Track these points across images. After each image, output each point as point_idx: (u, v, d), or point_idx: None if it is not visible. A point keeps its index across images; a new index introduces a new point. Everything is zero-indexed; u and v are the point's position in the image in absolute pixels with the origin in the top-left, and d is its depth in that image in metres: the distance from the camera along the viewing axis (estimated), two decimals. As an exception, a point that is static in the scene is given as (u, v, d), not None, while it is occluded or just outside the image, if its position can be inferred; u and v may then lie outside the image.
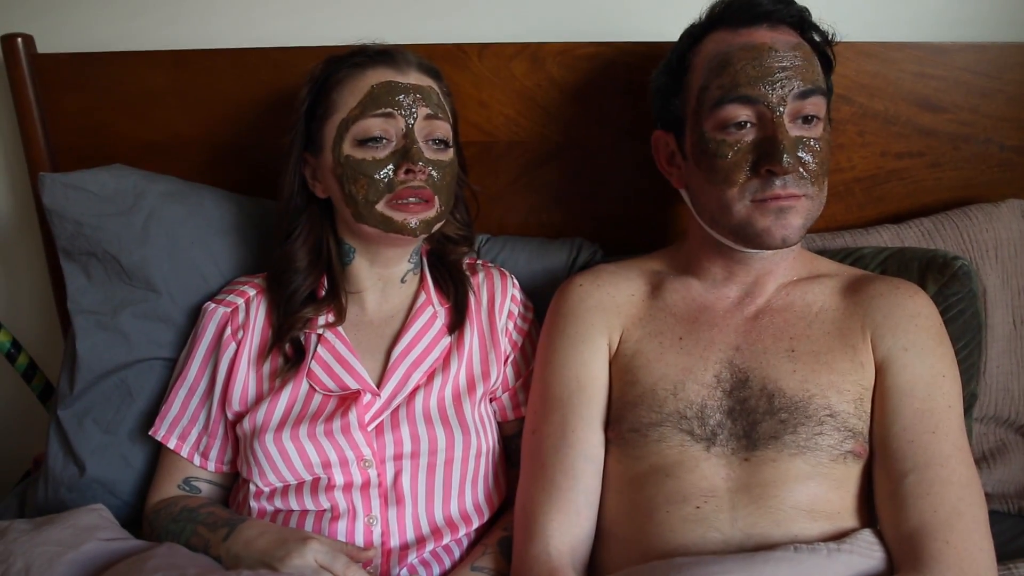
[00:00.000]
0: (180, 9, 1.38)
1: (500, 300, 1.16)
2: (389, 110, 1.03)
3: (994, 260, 1.25)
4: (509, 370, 1.15)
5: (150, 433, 1.12)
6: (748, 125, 0.96)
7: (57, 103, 1.36)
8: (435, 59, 1.29)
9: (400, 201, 1.02)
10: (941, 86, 1.28)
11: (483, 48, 1.30)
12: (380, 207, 1.03)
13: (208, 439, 1.11)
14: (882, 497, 0.93)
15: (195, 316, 1.20)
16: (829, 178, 1.30)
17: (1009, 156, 1.31)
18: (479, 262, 1.23)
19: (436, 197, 1.05)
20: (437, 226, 1.08)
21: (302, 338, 1.10)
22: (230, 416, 1.10)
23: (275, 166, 1.34)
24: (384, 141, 1.03)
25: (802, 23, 1.01)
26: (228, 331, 1.11)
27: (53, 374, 1.44)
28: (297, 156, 1.09)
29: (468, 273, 1.18)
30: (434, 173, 1.04)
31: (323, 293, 1.11)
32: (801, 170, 0.96)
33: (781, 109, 0.95)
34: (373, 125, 1.02)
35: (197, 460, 1.12)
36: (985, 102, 1.29)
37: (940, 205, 1.32)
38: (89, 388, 1.19)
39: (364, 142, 1.03)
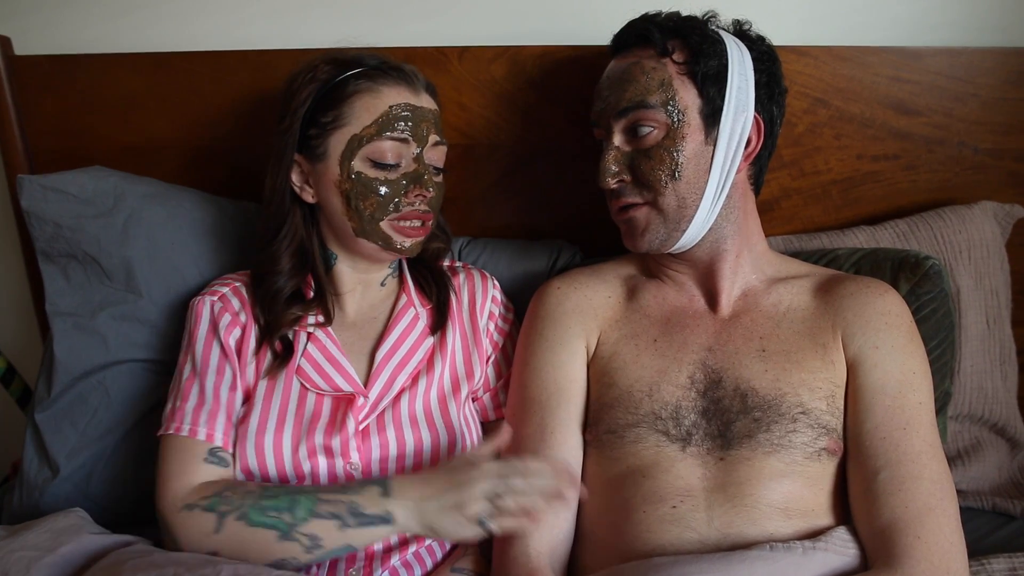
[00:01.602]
0: (159, 12, 1.38)
1: (481, 300, 1.16)
2: (406, 136, 1.03)
3: (967, 261, 1.26)
4: (490, 371, 1.15)
5: (171, 432, 1.01)
6: (603, 143, 1.05)
7: (35, 105, 1.35)
8: (415, 62, 1.29)
9: (404, 223, 1.05)
10: (916, 90, 1.30)
11: (463, 51, 1.31)
12: (384, 225, 1.04)
13: (227, 416, 1.04)
14: (856, 494, 0.94)
15: (175, 318, 1.20)
16: (807, 180, 1.34)
17: (982, 159, 1.33)
18: (459, 264, 1.24)
19: (433, 217, 1.09)
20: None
21: (291, 335, 1.08)
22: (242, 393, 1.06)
23: (255, 168, 1.34)
24: (396, 162, 1.04)
25: (641, 41, 1.04)
26: (227, 317, 1.07)
27: (32, 378, 1.43)
28: (289, 158, 1.06)
29: (449, 274, 1.18)
30: (433, 196, 1.07)
31: (311, 294, 1.10)
32: (631, 180, 1.03)
33: (611, 129, 1.04)
34: (388, 148, 1.03)
35: (219, 439, 1.02)
36: (959, 106, 1.30)
37: (915, 207, 1.34)
38: (67, 390, 1.19)
39: (378, 159, 1.03)
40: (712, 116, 1.01)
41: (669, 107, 1.00)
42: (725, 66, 1.01)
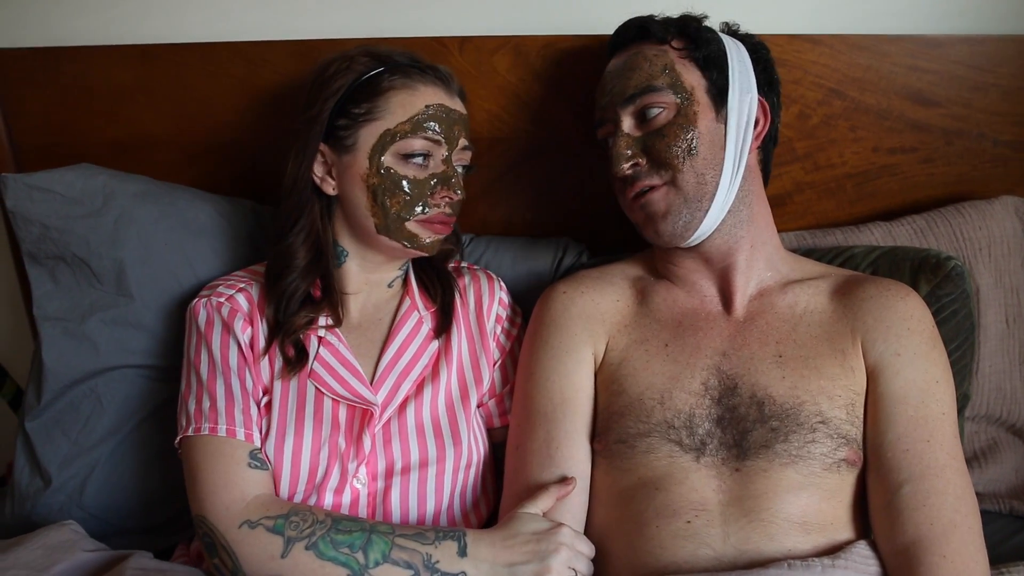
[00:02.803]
0: (147, 2, 1.33)
1: (488, 303, 1.13)
2: (439, 137, 1.02)
3: (987, 258, 1.23)
4: (497, 375, 1.12)
5: (206, 432, 0.96)
6: (609, 140, 1.03)
7: (19, 100, 1.30)
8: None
9: (430, 223, 1.03)
10: (934, 80, 1.25)
11: (464, 41, 1.26)
12: (410, 224, 1.03)
13: (257, 415, 1.01)
14: (877, 508, 0.91)
15: (169, 321, 1.16)
16: (820, 174, 1.30)
17: (1002, 151, 1.28)
18: (464, 265, 1.20)
19: (455, 220, 1.08)
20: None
21: (303, 338, 1.05)
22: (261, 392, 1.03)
23: (249, 164, 1.32)
24: (426, 162, 1.03)
25: (640, 34, 1.04)
26: (240, 318, 1.04)
27: (24, 379, 1.39)
28: (314, 147, 1.03)
29: (454, 276, 1.15)
30: (461, 198, 1.06)
31: (319, 294, 1.07)
32: (647, 162, 1.00)
33: (619, 120, 1.01)
34: (421, 146, 1.02)
35: (257, 439, 0.99)
36: (979, 96, 1.26)
37: (932, 201, 1.30)
38: (57, 398, 1.15)
39: (408, 158, 1.01)
40: (719, 95, 1.01)
41: (676, 88, 0.99)
42: (724, 52, 1.02)
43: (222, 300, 1.05)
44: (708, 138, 0.98)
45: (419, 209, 1.02)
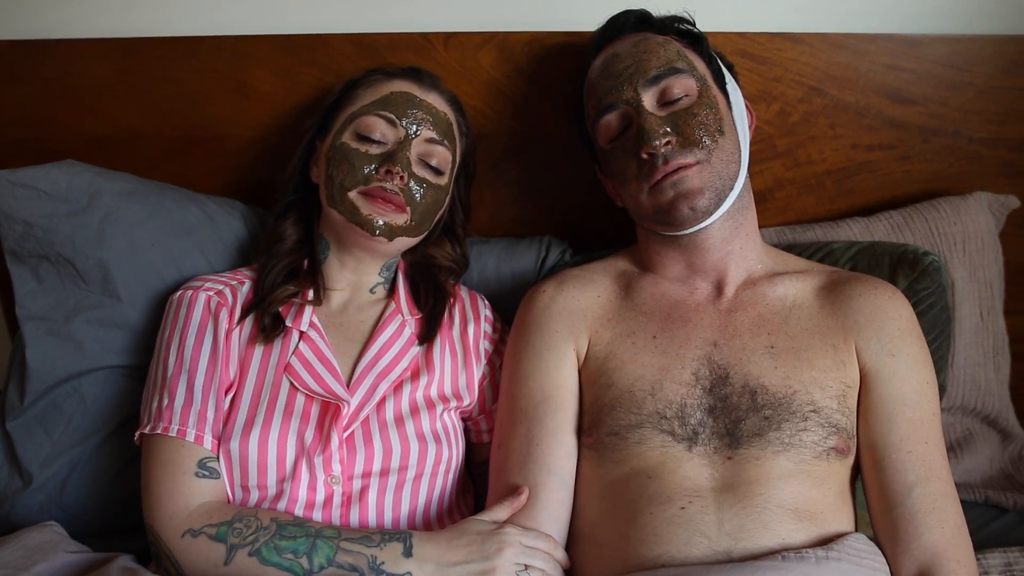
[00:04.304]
0: (129, -6, 1.31)
1: (474, 322, 1.14)
2: (393, 117, 1.06)
3: (962, 253, 1.26)
4: (488, 390, 1.13)
5: (159, 432, 0.96)
6: (625, 129, 1.02)
7: (-4, 95, 1.28)
8: (399, 49, 1.26)
9: (371, 197, 1.03)
10: (912, 78, 1.28)
11: (449, 37, 1.26)
12: (352, 195, 1.04)
13: (215, 417, 1.01)
14: (882, 509, 0.93)
15: (155, 322, 1.14)
16: (800, 171, 1.32)
17: (977, 148, 1.31)
18: (450, 282, 1.20)
19: (409, 209, 1.04)
20: (404, 239, 1.07)
21: (282, 314, 1.06)
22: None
23: (232, 161, 1.31)
24: (380, 143, 1.06)
25: (641, 24, 1.08)
26: (224, 313, 1.05)
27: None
28: (308, 141, 1.13)
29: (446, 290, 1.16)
30: (413, 186, 1.05)
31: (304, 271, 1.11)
32: (678, 141, 0.98)
33: (639, 100, 1.00)
34: (374, 124, 1.06)
35: (208, 443, 0.98)
36: (954, 95, 1.29)
37: (909, 197, 1.33)
38: (40, 398, 1.13)
39: (363, 137, 1.06)
40: (721, 86, 1.05)
41: (693, 72, 1.02)
42: (706, 48, 1.08)
43: (212, 294, 1.06)
44: (727, 120, 1.02)
45: (360, 179, 1.04)
